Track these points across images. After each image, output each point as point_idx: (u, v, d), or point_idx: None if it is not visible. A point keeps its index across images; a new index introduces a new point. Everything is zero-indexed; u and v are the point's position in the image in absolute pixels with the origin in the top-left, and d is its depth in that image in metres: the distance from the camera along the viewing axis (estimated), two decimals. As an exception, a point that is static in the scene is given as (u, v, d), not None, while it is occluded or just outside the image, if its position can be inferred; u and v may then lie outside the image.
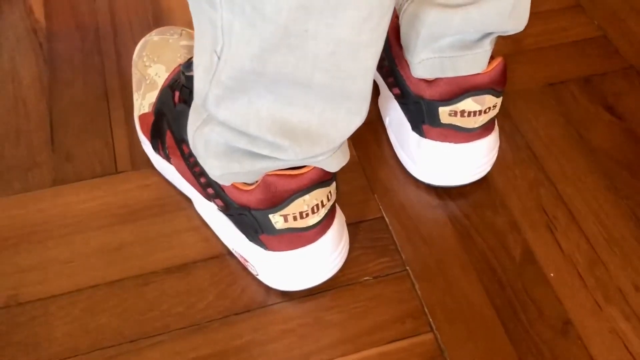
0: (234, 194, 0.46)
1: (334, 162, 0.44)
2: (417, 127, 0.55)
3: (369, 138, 0.61)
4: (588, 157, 0.60)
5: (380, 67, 0.57)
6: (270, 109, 0.39)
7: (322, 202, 0.46)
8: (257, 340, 0.49)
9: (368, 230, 0.55)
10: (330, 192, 0.46)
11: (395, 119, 0.58)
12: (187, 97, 0.50)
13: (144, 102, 0.57)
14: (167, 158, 0.54)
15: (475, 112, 0.51)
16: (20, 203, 0.56)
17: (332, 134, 0.41)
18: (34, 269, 0.52)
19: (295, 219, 0.46)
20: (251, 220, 0.47)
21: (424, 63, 0.50)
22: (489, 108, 0.52)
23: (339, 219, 0.50)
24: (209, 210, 0.53)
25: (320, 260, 0.49)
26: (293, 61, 0.35)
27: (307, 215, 0.46)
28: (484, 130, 0.53)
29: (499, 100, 0.52)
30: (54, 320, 0.50)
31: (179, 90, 0.52)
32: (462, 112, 0.51)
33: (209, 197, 0.50)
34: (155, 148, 0.56)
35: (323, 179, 0.45)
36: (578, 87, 0.66)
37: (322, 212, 0.47)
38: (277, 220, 0.46)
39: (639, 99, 0.65)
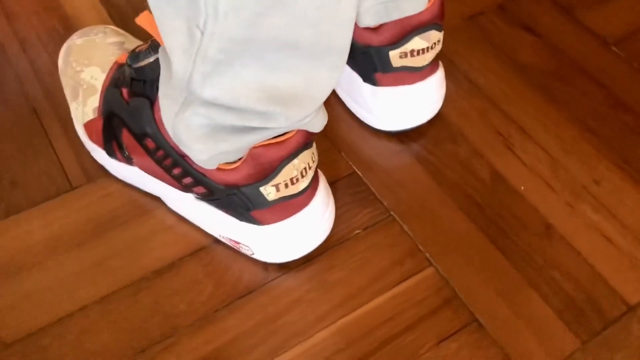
0: (219, 176, 0.45)
1: (318, 122, 0.44)
2: (369, 77, 0.56)
3: (319, 100, 0.61)
4: (522, 76, 0.64)
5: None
6: (258, 78, 0.38)
7: (308, 164, 0.46)
8: (269, 316, 0.48)
9: (345, 187, 0.55)
10: (313, 152, 0.46)
11: (343, 76, 0.59)
12: (141, 89, 0.48)
13: (85, 108, 0.54)
14: (128, 159, 0.52)
15: (423, 50, 0.53)
16: (-25, 243, 0.52)
17: (316, 93, 0.41)
18: (12, 306, 0.49)
19: (287, 186, 0.45)
20: (241, 199, 0.46)
21: (369, 11, 0.50)
22: (435, 43, 0.53)
23: (322, 179, 0.50)
24: (185, 203, 0.51)
25: (314, 223, 0.49)
26: (284, 21, 0.35)
27: (297, 180, 0.46)
28: (433, 66, 0.55)
29: (441, 35, 0.54)
30: (50, 353, 0.47)
31: (128, 86, 0.49)
32: (412, 51, 0.53)
33: (185, 188, 0.49)
34: (111, 153, 0.53)
35: (307, 140, 0.45)
36: (495, 15, 0.69)
37: (310, 174, 0.47)
38: (269, 191, 0.45)
39: (550, 17, 0.69)
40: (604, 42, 0.67)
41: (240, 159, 0.44)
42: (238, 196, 0.46)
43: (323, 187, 0.49)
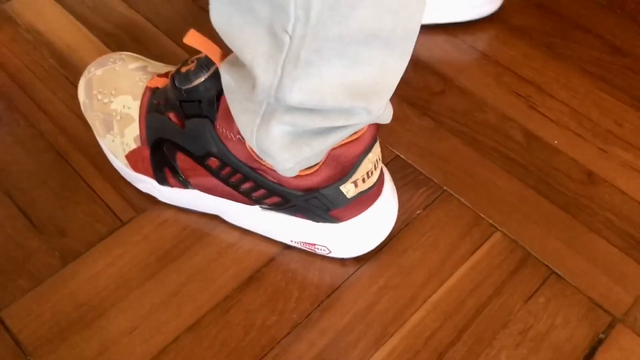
0: (296, 182, 0.45)
1: (388, 114, 0.44)
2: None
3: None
4: (522, 39, 0.67)
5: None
6: (339, 75, 0.38)
7: (379, 155, 0.47)
8: (361, 309, 0.49)
9: (393, 172, 0.57)
10: (379, 143, 0.47)
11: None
12: (196, 110, 0.47)
13: (124, 139, 0.52)
14: (184, 183, 0.51)
15: None
16: (42, 298, 0.49)
17: (389, 81, 0.41)
18: (102, 353, 0.47)
19: (364, 180, 0.46)
20: (321, 201, 0.46)
21: None
22: None
23: (384, 167, 0.51)
24: (249, 216, 0.51)
25: (387, 211, 0.50)
26: (371, 11, 0.35)
27: (371, 173, 0.46)
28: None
29: None
30: (155, 391, 0.46)
31: (176, 109, 0.48)
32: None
33: (254, 201, 0.49)
34: (162, 180, 0.52)
35: (377, 133, 0.45)
36: (481, -17, 0.72)
37: (379, 165, 0.47)
38: (348, 189, 0.46)
39: (529, -23, 0.73)
40: (586, -6, 0.71)
41: (317, 163, 0.45)
42: (318, 199, 0.46)
43: (387, 175, 0.50)
